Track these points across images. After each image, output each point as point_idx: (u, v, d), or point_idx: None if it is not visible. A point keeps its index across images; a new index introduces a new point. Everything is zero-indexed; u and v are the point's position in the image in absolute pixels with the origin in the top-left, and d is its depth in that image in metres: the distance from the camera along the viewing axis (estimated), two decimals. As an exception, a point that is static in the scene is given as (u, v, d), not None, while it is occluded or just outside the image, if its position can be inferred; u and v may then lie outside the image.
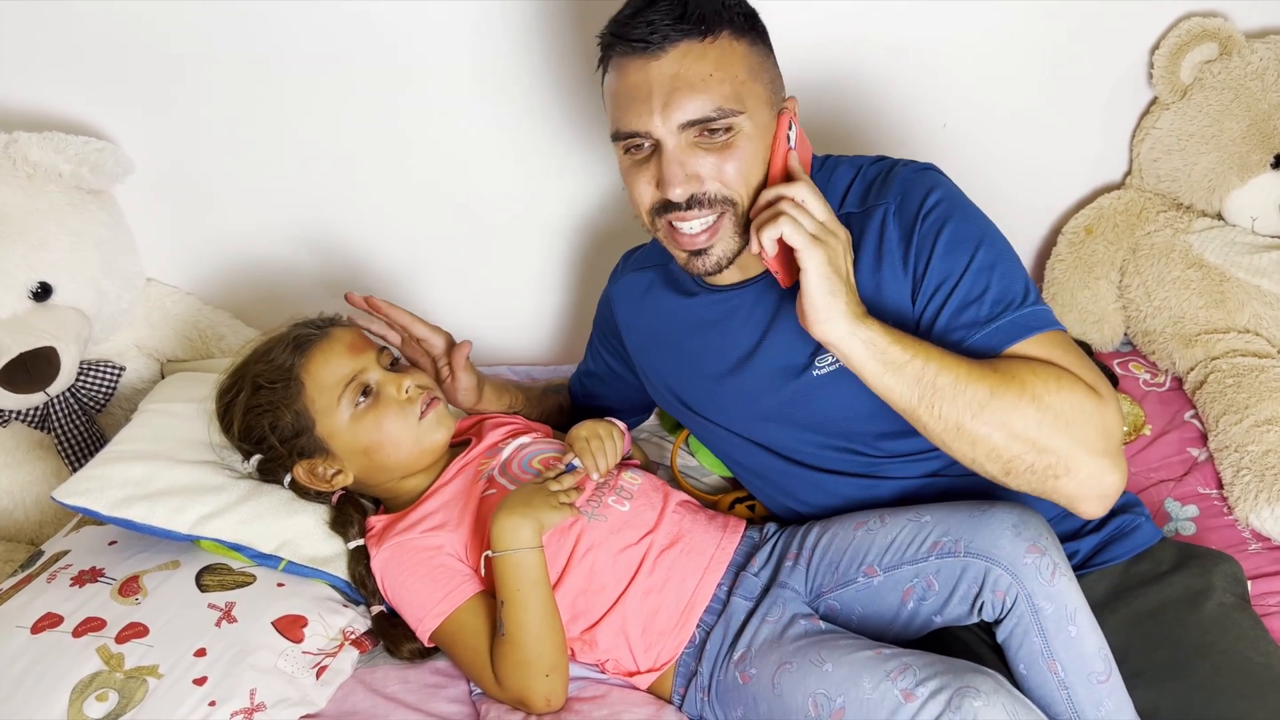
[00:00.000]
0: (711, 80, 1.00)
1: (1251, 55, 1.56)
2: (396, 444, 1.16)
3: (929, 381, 0.97)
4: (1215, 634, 1.03)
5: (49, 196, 1.36)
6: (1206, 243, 1.59)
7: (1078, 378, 0.98)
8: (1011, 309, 1.01)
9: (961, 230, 1.04)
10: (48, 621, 1.07)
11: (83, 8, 1.38)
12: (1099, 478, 0.96)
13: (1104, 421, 0.97)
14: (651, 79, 1.00)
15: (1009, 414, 0.95)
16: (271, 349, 1.17)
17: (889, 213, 1.07)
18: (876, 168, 1.12)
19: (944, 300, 1.03)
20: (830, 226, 0.99)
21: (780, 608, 1.08)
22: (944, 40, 1.56)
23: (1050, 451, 0.96)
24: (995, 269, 1.03)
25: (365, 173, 1.57)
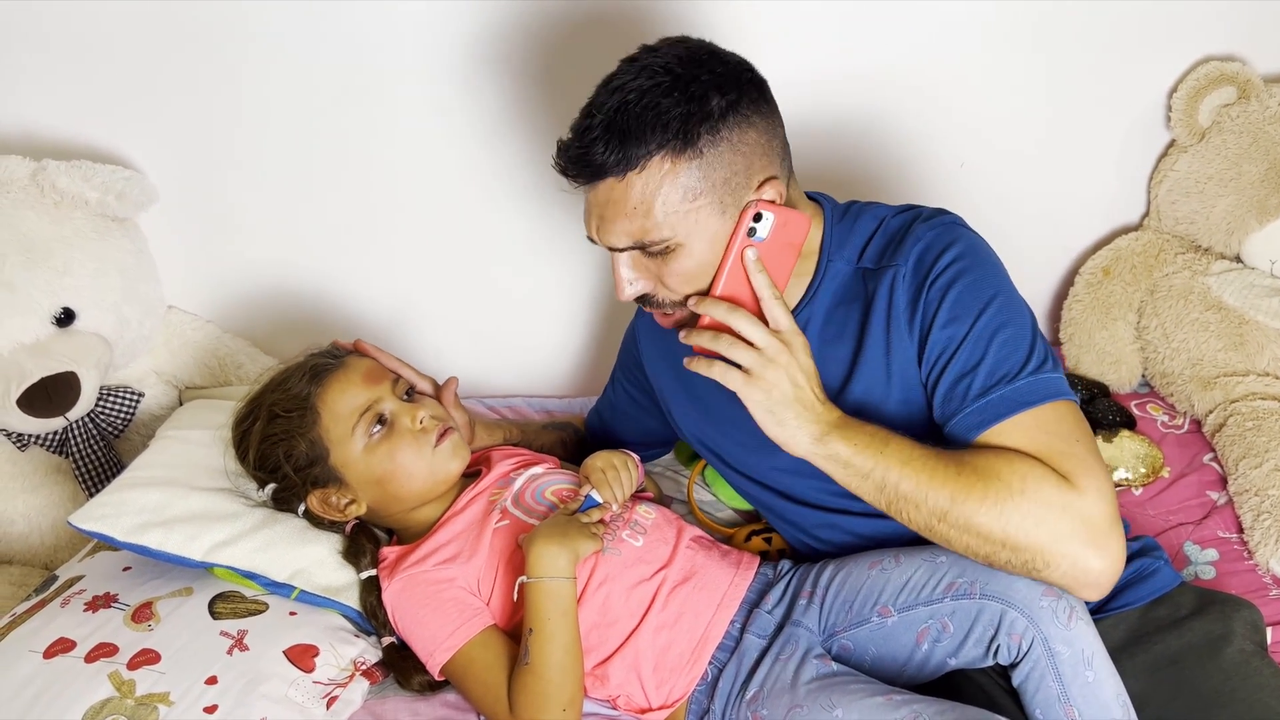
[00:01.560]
0: (635, 213, 0.99)
1: (1270, 99, 1.57)
2: (410, 474, 1.16)
3: (892, 489, 0.99)
4: (1236, 682, 1.01)
5: (75, 224, 1.38)
6: (1225, 285, 1.59)
7: (1049, 469, 0.96)
8: (1005, 381, 0.99)
9: (967, 295, 1.03)
10: (60, 646, 1.07)
11: (111, 38, 1.40)
12: (1081, 568, 0.95)
13: (1079, 513, 0.95)
14: (588, 200, 1.03)
15: (972, 518, 0.96)
16: (288, 378, 1.18)
17: (899, 276, 1.06)
18: (899, 220, 1.11)
19: (942, 370, 1.03)
20: (770, 354, 0.98)
21: (793, 646, 1.07)
22: (960, 80, 1.57)
23: (1024, 549, 0.95)
24: (996, 336, 1.01)
25: (389, 204, 1.58)
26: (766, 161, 1.02)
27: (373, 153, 1.54)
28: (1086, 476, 0.96)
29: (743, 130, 1.00)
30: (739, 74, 1.01)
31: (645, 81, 0.97)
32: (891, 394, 1.06)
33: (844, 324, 1.09)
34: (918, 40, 1.53)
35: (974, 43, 1.55)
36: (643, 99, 0.97)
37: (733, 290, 1.02)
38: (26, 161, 1.37)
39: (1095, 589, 0.96)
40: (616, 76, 1.00)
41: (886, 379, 1.06)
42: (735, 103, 0.99)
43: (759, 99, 1.02)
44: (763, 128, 1.01)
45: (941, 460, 0.98)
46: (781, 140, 1.05)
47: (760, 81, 1.03)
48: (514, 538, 1.14)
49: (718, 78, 0.99)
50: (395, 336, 1.67)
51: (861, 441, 0.99)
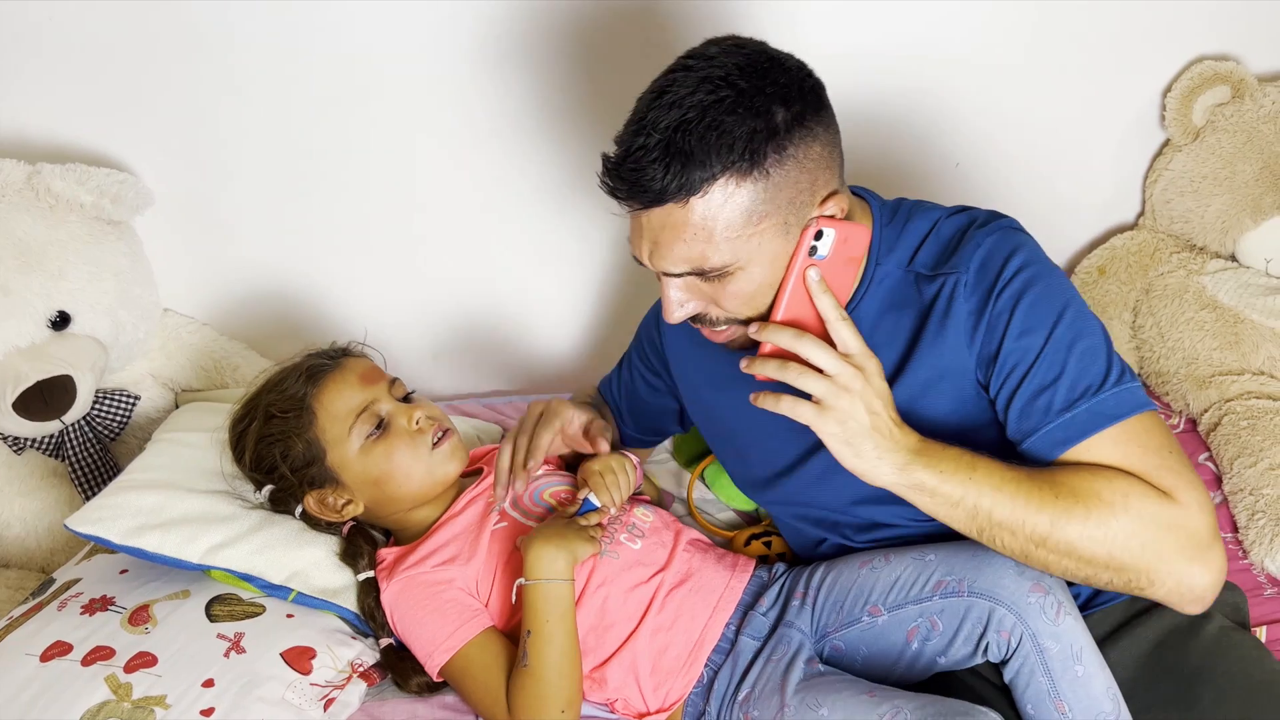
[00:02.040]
0: (694, 239, 0.93)
1: (1264, 98, 1.57)
2: (407, 475, 1.16)
3: (985, 516, 0.94)
4: (1216, 656, 1.02)
5: (69, 227, 1.38)
6: (1220, 284, 1.59)
7: (1149, 485, 0.93)
8: (1088, 395, 0.94)
9: (1040, 304, 0.97)
10: (57, 650, 1.07)
11: (106, 41, 1.40)
12: (1187, 584, 0.92)
13: (1184, 528, 0.92)
14: (640, 223, 0.96)
15: (1074, 543, 0.92)
16: (284, 379, 1.18)
17: (961, 283, 0.99)
18: (953, 224, 1.04)
19: (1018, 384, 0.97)
20: (843, 381, 0.92)
21: (785, 648, 1.07)
22: (955, 80, 1.58)
23: (1127, 569, 0.93)
24: (1074, 347, 0.96)
25: (385, 205, 1.58)
26: (829, 175, 0.96)
27: (369, 154, 1.54)
28: (1186, 490, 0.93)
29: (808, 145, 0.93)
30: (800, 81, 0.94)
31: (706, 96, 0.90)
32: (941, 403, 1.02)
33: (893, 330, 1.04)
34: (912, 40, 1.53)
35: (968, 43, 1.55)
36: (705, 116, 0.89)
37: (795, 313, 0.96)
38: (21, 165, 1.37)
39: (1199, 604, 0.94)
40: (671, 88, 0.91)
41: (935, 388, 1.02)
42: (800, 115, 0.92)
43: (819, 107, 0.95)
44: (825, 139, 0.95)
45: (1035, 481, 0.93)
46: (839, 147, 0.98)
47: (818, 86, 0.96)
48: (512, 539, 1.14)
49: (781, 89, 0.92)
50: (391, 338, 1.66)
51: (948, 467, 0.94)
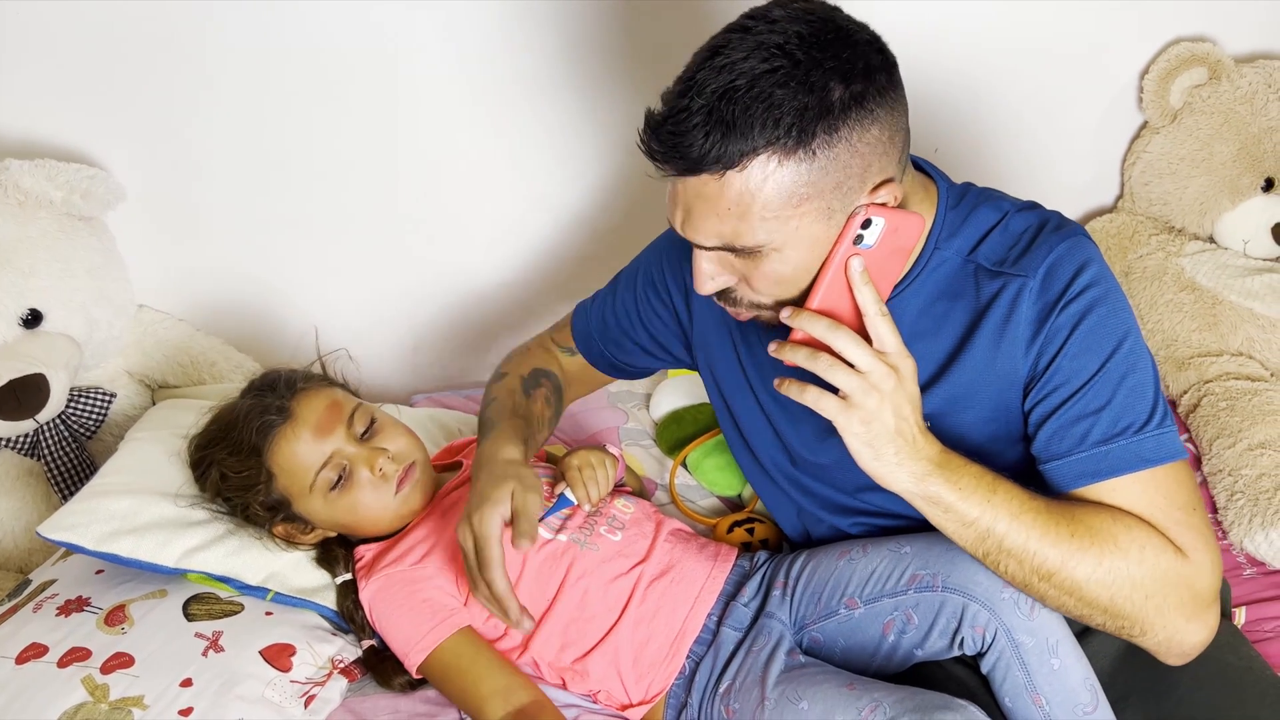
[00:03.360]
0: (729, 214, 0.87)
1: (1240, 80, 1.57)
2: (375, 520, 1.16)
3: (995, 541, 0.91)
4: None
5: (40, 224, 1.36)
6: (1198, 266, 1.59)
7: (1166, 539, 0.90)
8: (1128, 434, 0.91)
9: (1102, 327, 0.93)
10: (33, 652, 1.06)
11: (74, 34, 1.38)
12: (1178, 639, 0.91)
13: (1189, 587, 0.90)
14: (676, 189, 0.90)
15: (1080, 584, 0.90)
16: (235, 428, 1.14)
17: (1027, 288, 0.94)
18: (1023, 220, 0.99)
19: (1060, 403, 0.94)
20: (875, 379, 0.87)
21: (765, 639, 1.07)
22: (934, 65, 1.57)
23: (1124, 617, 0.91)
24: (1126, 380, 0.92)
25: (361, 197, 1.57)
26: (886, 162, 0.89)
27: (344, 146, 1.52)
28: (1201, 551, 0.90)
29: (864, 127, 0.86)
30: (868, 57, 0.87)
31: (758, 64, 0.83)
32: (979, 409, 0.99)
33: (942, 319, 0.99)
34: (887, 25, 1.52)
35: (945, 27, 1.55)
36: (753, 86, 0.83)
37: (832, 302, 0.91)
38: (-11, 161, 1.36)
39: (1184, 659, 0.93)
40: (724, 51, 0.85)
41: (984, 391, 0.98)
42: (860, 95, 0.85)
43: (887, 87, 0.88)
44: (886, 123, 0.88)
45: (1053, 516, 0.90)
46: (904, 132, 0.92)
47: (890, 64, 0.90)
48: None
49: (843, 64, 0.85)
50: (371, 331, 1.66)
51: (967, 485, 0.90)
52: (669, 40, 0.89)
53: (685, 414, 1.55)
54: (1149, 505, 0.91)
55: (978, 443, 0.99)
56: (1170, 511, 0.91)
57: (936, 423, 0.99)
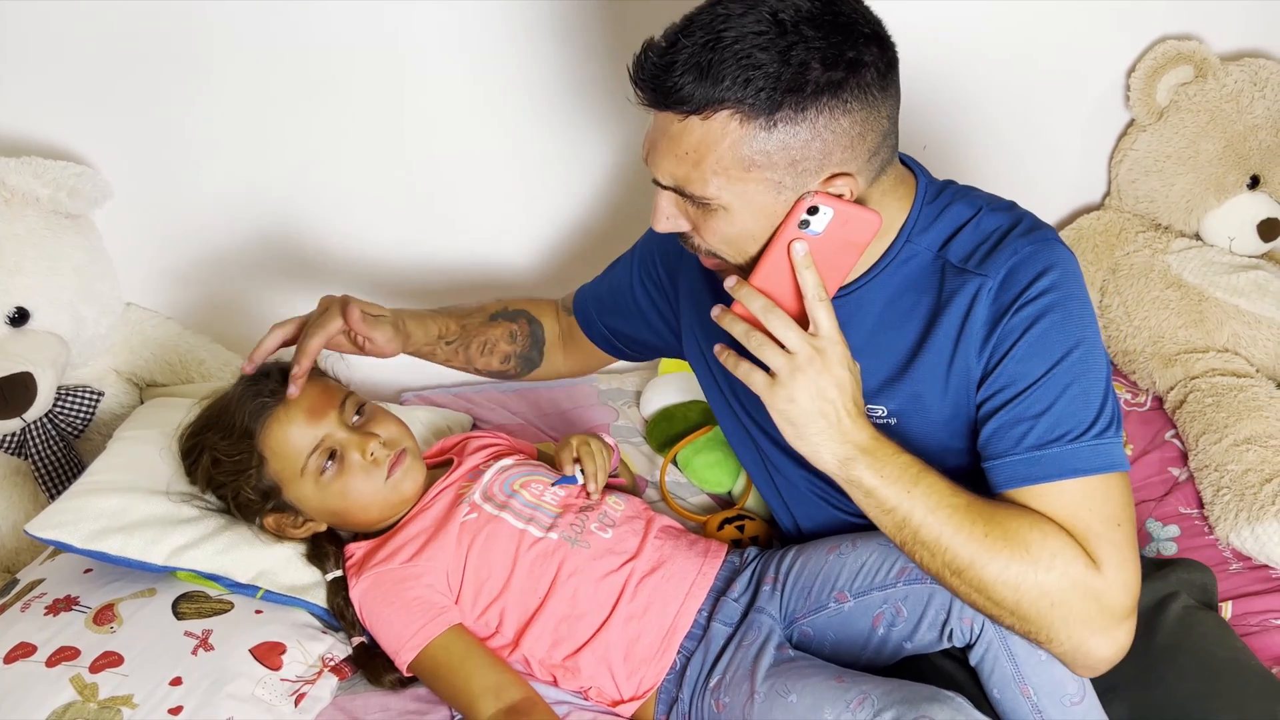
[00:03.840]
0: (684, 159, 0.90)
1: (1226, 78, 1.58)
2: (365, 506, 1.16)
3: (911, 532, 0.92)
4: (1180, 635, 1.04)
5: (26, 221, 1.35)
6: (1185, 263, 1.60)
7: (1082, 550, 0.90)
8: (1063, 441, 0.92)
9: (1053, 333, 0.94)
10: (20, 651, 1.05)
11: (61, 31, 1.38)
12: (1084, 650, 0.91)
13: (1098, 600, 0.90)
14: (653, 121, 0.93)
15: (988, 583, 0.90)
16: (227, 414, 1.14)
17: (985, 289, 0.96)
18: (995, 219, 0.99)
19: (1002, 404, 0.95)
20: (801, 360, 0.89)
21: (755, 633, 1.08)
22: (921, 63, 1.57)
23: (1030, 621, 0.91)
24: (1071, 388, 0.93)
25: (349, 195, 1.56)
26: (848, 155, 0.90)
27: (333, 144, 1.52)
28: (1117, 567, 0.90)
29: (833, 115, 0.87)
30: (861, 51, 0.87)
31: (749, 23, 0.85)
32: (941, 405, 1.00)
33: (909, 312, 1.01)
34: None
35: (933, 25, 1.55)
36: (738, 42, 0.85)
37: (774, 278, 0.93)
38: (-25, 160, 1.35)
39: (1092, 671, 0.93)
40: (726, 1, 0.87)
41: (944, 387, 1.00)
42: (838, 84, 0.86)
43: (873, 84, 0.88)
44: (861, 118, 0.89)
45: (970, 514, 0.91)
46: (880, 133, 0.92)
47: (888, 62, 0.90)
48: (482, 531, 1.14)
49: (832, 47, 0.86)
50: (360, 329, 1.66)
51: (890, 474, 0.92)
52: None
53: (675, 411, 1.55)
54: (1073, 516, 0.91)
55: (942, 439, 1.01)
56: (1092, 524, 0.91)
57: (902, 417, 1.01)
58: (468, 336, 1.27)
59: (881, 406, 1.03)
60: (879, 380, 1.02)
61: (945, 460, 1.00)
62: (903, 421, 1.02)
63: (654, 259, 1.25)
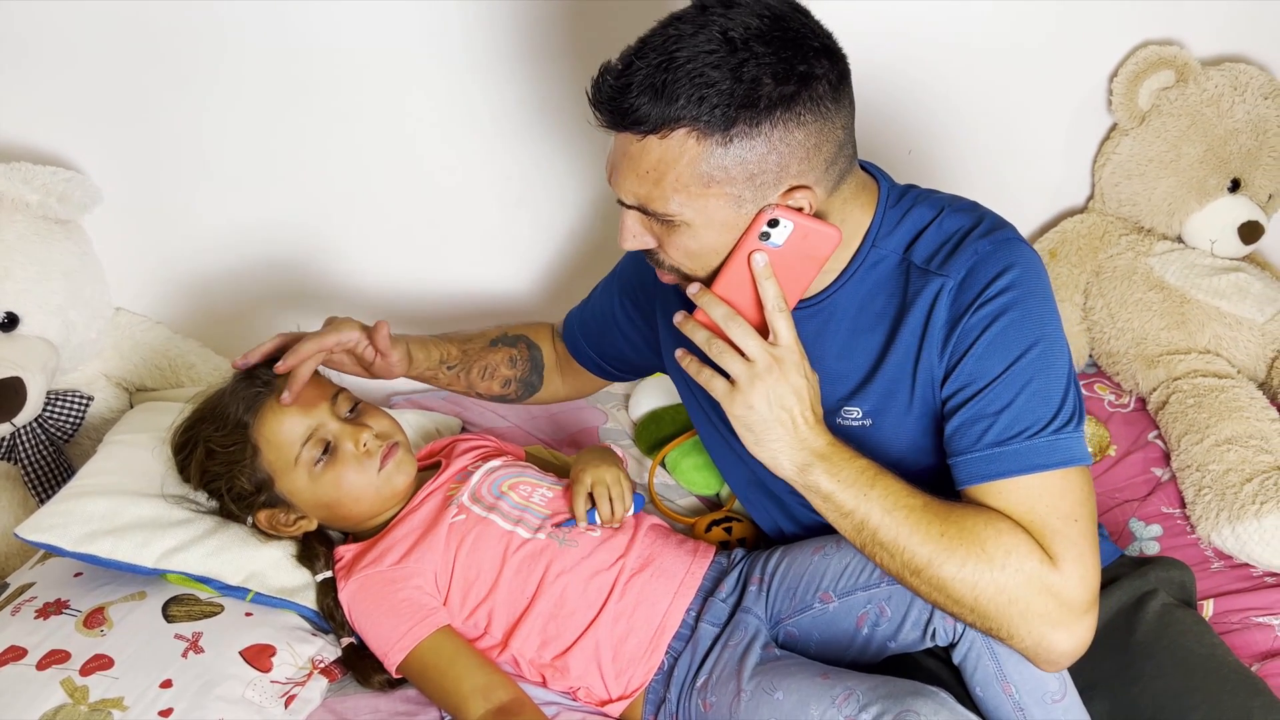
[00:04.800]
0: (645, 178, 0.91)
1: (1207, 82, 1.60)
2: (357, 498, 1.16)
3: (870, 533, 0.94)
4: (1158, 632, 1.05)
5: (16, 227, 1.35)
6: (1167, 265, 1.62)
7: (1036, 546, 0.91)
8: (1022, 437, 0.93)
9: (1011, 332, 0.95)
10: (11, 655, 1.05)
11: (48, 37, 1.38)
12: (1045, 645, 0.91)
13: (1056, 596, 0.91)
14: (611, 145, 0.95)
15: (945, 582, 0.92)
16: (222, 406, 1.15)
17: (945, 289, 0.97)
18: (957, 219, 1.01)
19: (963, 402, 0.97)
20: (759, 368, 0.92)
21: (742, 633, 1.09)
22: (905, 67, 1.59)
23: (990, 618, 0.92)
24: (1029, 385, 0.94)
25: (340, 199, 1.57)
26: (805, 167, 0.92)
27: (324, 148, 1.52)
28: (1074, 562, 0.91)
29: (788, 129, 0.89)
30: (812, 64, 0.89)
31: (701, 42, 0.87)
32: (912, 403, 1.02)
33: (880, 316, 1.02)
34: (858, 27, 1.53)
35: (915, 30, 1.56)
36: (690, 61, 0.86)
37: (733, 289, 0.95)
38: (-35, 165, 1.35)
39: (1055, 666, 0.94)
40: (678, 23, 0.89)
41: (911, 386, 1.01)
42: (790, 98, 0.88)
43: (825, 96, 0.90)
44: (815, 129, 0.90)
45: (926, 514, 0.93)
46: (835, 144, 0.93)
47: (839, 74, 0.92)
48: (470, 533, 1.15)
49: (783, 62, 0.87)
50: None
51: (846, 477, 0.94)
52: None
53: (664, 414, 1.56)
54: (1029, 511, 0.92)
55: (915, 437, 1.02)
56: (1049, 520, 0.92)
57: (877, 418, 1.03)
58: (468, 361, 1.31)
59: (857, 409, 1.04)
60: (854, 382, 1.04)
61: (921, 459, 1.02)
62: (878, 422, 1.03)
63: (633, 277, 1.27)
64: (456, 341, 1.31)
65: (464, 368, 1.30)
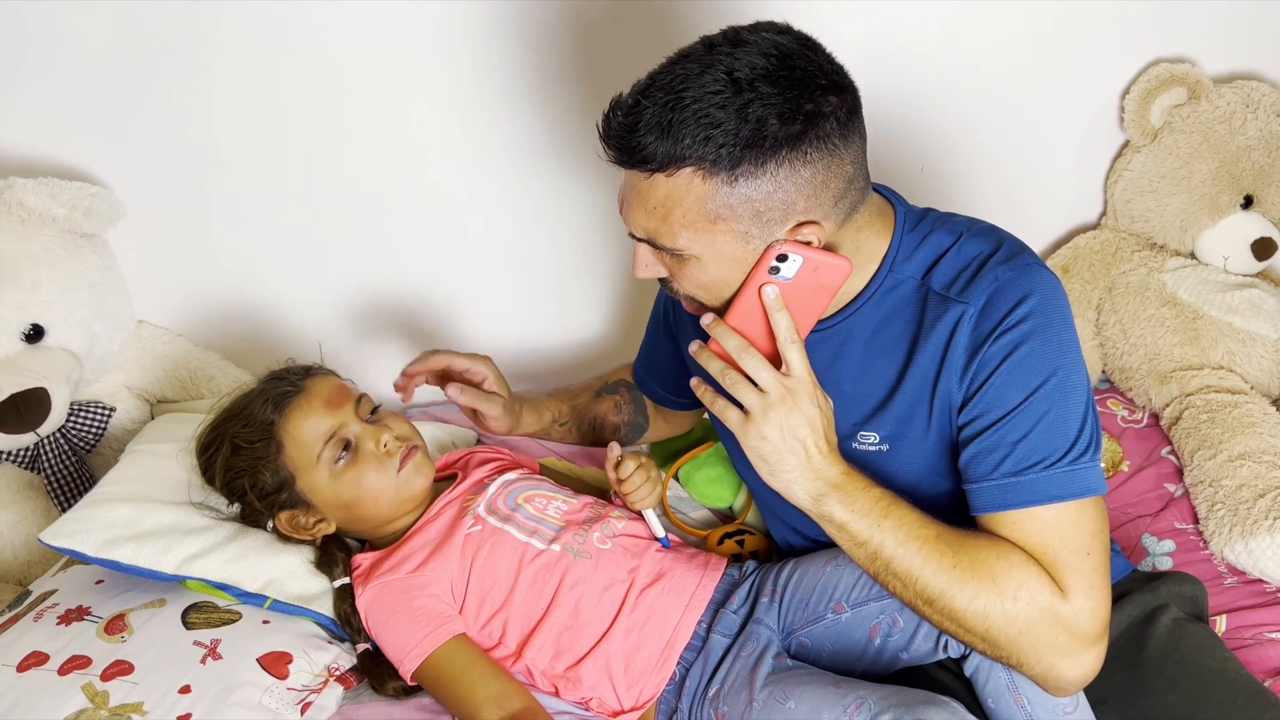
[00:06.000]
0: (653, 213, 0.93)
1: (1219, 99, 1.60)
2: (376, 498, 1.18)
3: (883, 564, 0.95)
4: (1170, 646, 1.05)
5: (43, 240, 1.38)
6: (1180, 281, 1.62)
7: (1050, 579, 0.92)
8: (1038, 468, 0.94)
9: (1031, 360, 0.95)
10: (33, 660, 1.07)
11: (75, 55, 1.41)
12: (1055, 674, 0.93)
13: (1066, 627, 0.92)
14: (622, 179, 0.97)
15: (958, 613, 0.93)
16: (249, 406, 1.18)
17: (966, 316, 0.97)
18: (976, 245, 1.01)
19: (981, 430, 0.97)
20: (772, 399, 0.93)
21: (754, 644, 1.09)
22: (918, 85, 1.60)
23: (1000, 647, 0.94)
24: (1049, 414, 0.94)
25: (360, 213, 1.59)
26: (812, 203, 0.92)
27: (343, 162, 1.54)
28: (1085, 596, 0.92)
29: (794, 167, 0.89)
30: (819, 102, 0.89)
31: (708, 83, 0.87)
32: (929, 428, 1.02)
33: (896, 339, 1.02)
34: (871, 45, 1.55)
35: (928, 48, 1.58)
36: (697, 102, 0.87)
37: (746, 319, 0.96)
38: (-7, 180, 1.38)
39: (1064, 693, 0.95)
40: (685, 61, 0.90)
41: (928, 412, 1.01)
42: (797, 137, 0.88)
43: (833, 134, 0.90)
44: (822, 167, 0.90)
45: (940, 545, 0.94)
46: (844, 179, 0.93)
47: (849, 110, 0.92)
48: (485, 543, 1.16)
49: (788, 102, 0.88)
50: (367, 346, 1.68)
51: (860, 508, 0.95)
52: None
53: (677, 427, 1.57)
54: (1042, 544, 0.93)
55: (931, 461, 1.03)
56: (1061, 552, 0.93)
57: (894, 443, 1.03)
58: (579, 416, 1.37)
59: (874, 433, 1.05)
60: (870, 407, 1.04)
61: (937, 482, 1.03)
62: (895, 447, 1.04)
63: (663, 306, 1.33)
64: (566, 398, 1.38)
65: (575, 423, 1.37)
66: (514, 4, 1.45)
